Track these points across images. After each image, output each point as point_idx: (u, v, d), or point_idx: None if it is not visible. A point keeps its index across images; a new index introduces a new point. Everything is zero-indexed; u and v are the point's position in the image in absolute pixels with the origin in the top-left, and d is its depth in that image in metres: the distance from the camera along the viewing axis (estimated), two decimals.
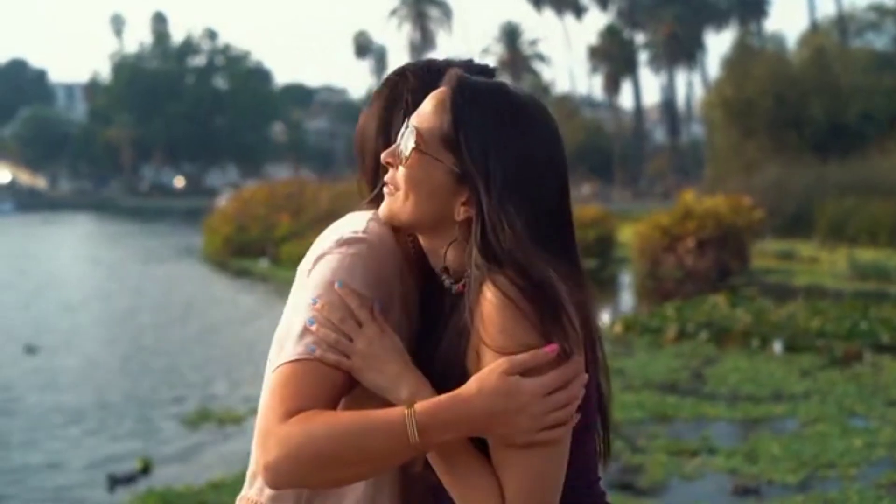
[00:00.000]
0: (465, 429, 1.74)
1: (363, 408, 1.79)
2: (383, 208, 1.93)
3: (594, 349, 1.89)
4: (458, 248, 1.86)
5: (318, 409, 1.76)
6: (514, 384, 1.71)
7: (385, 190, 1.94)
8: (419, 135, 1.86)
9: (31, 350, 16.16)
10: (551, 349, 1.73)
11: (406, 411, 1.72)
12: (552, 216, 1.85)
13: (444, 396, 1.74)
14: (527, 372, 1.72)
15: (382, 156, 1.93)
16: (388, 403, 1.80)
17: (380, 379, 1.81)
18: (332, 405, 1.81)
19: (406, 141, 1.87)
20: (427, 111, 1.88)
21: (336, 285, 1.85)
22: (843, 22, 62.87)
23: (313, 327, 1.83)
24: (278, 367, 1.83)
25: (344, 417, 1.76)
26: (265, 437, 1.76)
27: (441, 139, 1.84)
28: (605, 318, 17.49)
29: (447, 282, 1.90)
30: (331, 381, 1.82)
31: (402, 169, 1.88)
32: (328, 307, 1.85)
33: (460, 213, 1.84)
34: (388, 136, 2.04)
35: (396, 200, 1.90)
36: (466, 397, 1.72)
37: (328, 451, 1.71)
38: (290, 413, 1.75)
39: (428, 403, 1.73)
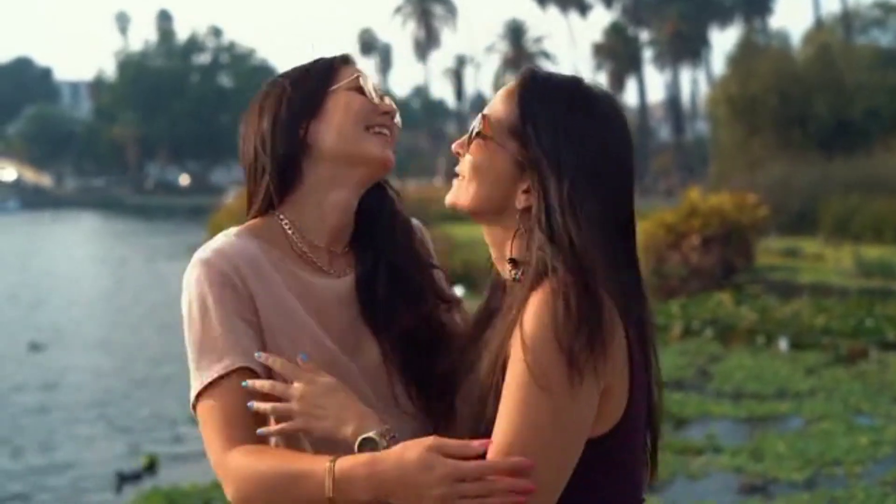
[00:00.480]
0: (378, 492, 1.73)
1: None
2: (449, 195, 1.94)
3: (648, 368, 1.85)
4: (521, 238, 1.84)
5: (250, 424, 1.87)
6: (431, 460, 1.69)
7: (454, 180, 1.96)
8: (486, 121, 1.88)
9: (36, 347, 16.18)
10: (482, 444, 1.71)
11: (327, 465, 1.75)
12: (619, 217, 1.84)
13: (364, 456, 1.75)
14: (451, 453, 1.71)
15: (453, 146, 1.96)
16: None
17: (325, 424, 1.83)
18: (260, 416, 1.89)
19: (473, 127, 1.89)
20: (496, 101, 1.89)
21: (257, 356, 1.91)
22: (847, 19, 62.75)
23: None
24: (196, 397, 1.92)
25: (280, 461, 1.82)
26: (217, 469, 1.88)
27: (507, 127, 1.85)
28: None
29: (511, 273, 1.87)
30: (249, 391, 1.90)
31: (467, 156, 1.91)
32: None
33: (521, 201, 1.83)
34: (264, 145, 2.05)
35: (460, 187, 1.92)
36: (384, 460, 1.73)
37: (266, 492, 1.80)
38: (229, 441, 1.86)
39: (348, 461, 1.75)
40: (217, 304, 1.92)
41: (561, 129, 1.80)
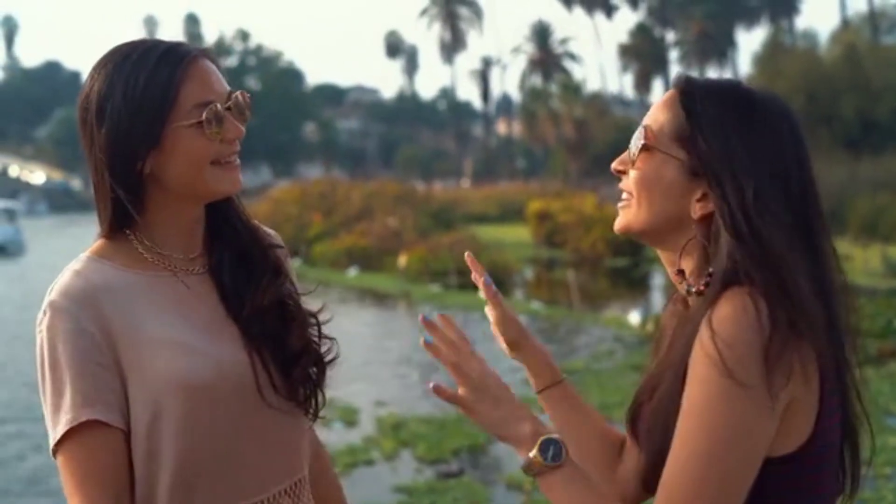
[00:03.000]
0: None
1: None
2: (618, 220, 1.86)
3: (841, 376, 1.76)
4: (694, 248, 1.78)
5: (107, 478, 1.82)
6: None
7: (620, 202, 1.86)
8: (648, 132, 1.80)
9: None
10: None
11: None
12: (805, 217, 1.75)
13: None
14: None
15: (613, 164, 1.86)
16: None
17: (495, 413, 1.77)
18: (126, 468, 1.87)
19: (635, 142, 1.82)
20: (656, 110, 1.82)
21: (424, 317, 1.87)
22: (874, 19, 62.47)
23: None
24: (54, 449, 1.87)
25: None
26: None
27: (672, 135, 1.77)
28: (636, 316, 17.46)
29: (684, 286, 1.81)
30: (118, 442, 1.88)
31: (632, 172, 1.82)
32: None
33: (696, 209, 1.75)
34: (103, 171, 1.96)
35: (628, 208, 1.83)
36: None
37: None
38: (87, 500, 1.80)
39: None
40: (65, 353, 1.86)
41: (730, 130, 1.72)
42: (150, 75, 1.91)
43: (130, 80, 1.91)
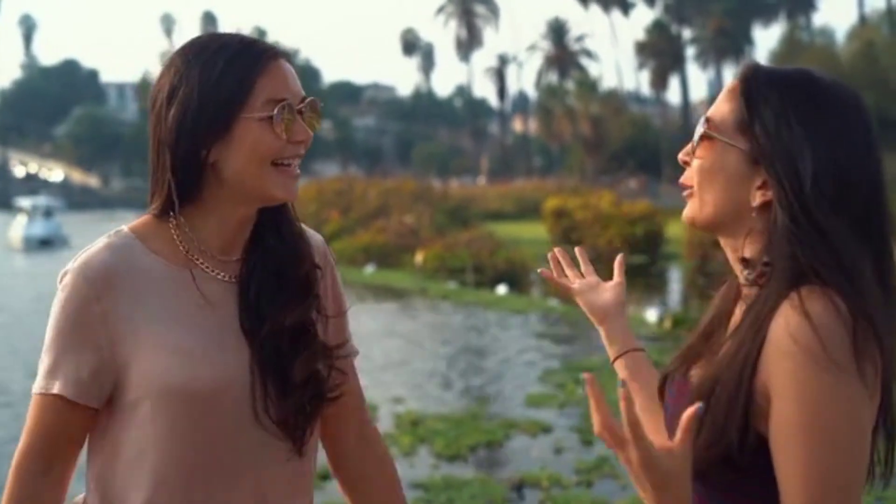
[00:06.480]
0: None
1: None
2: (685, 212, 1.86)
3: (887, 367, 1.70)
4: (756, 235, 1.76)
5: (55, 445, 1.97)
6: None
7: (684, 192, 1.86)
8: (710, 121, 1.80)
9: None
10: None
11: None
12: (867, 210, 1.71)
13: None
14: None
15: (680, 155, 1.87)
16: None
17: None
18: (77, 443, 2.00)
19: (697, 132, 1.81)
20: (719, 101, 1.82)
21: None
22: (892, 15, 62.16)
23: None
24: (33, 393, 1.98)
25: None
26: (14, 460, 2.00)
27: (734, 123, 1.76)
28: (653, 314, 17.46)
29: (745, 274, 1.78)
30: (80, 418, 1.97)
31: (693, 162, 1.82)
32: None
33: (756, 197, 1.74)
34: (164, 153, 1.95)
35: (693, 200, 1.83)
36: None
37: None
38: (30, 449, 1.97)
39: None
40: (63, 320, 1.93)
41: (792, 119, 1.71)
42: (227, 64, 1.92)
43: (208, 67, 1.91)
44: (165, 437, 1.92)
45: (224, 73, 1.91)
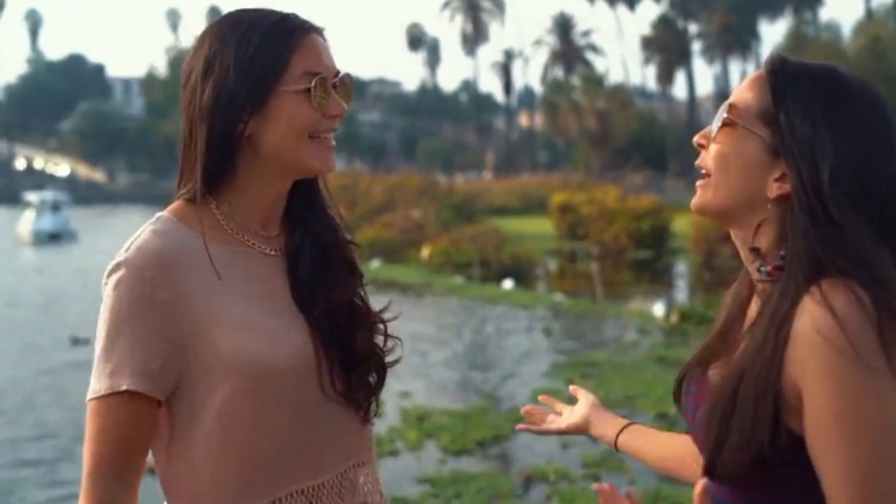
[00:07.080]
0: None
1: None
2: (695, 199, 1.83)
3: None
4: (769, 227, 1.74)
5: (124, 448, 1.87)
6: None
7: (698, 180, 1.84)
8: (733, 107, 1.77)
9: (77, 342, 16.29)
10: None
11: None
12: (886, 209, 1.69)
13: None
14: None
15: (695, 138, 1.84)
16: None
17: None
18: (147, 442, 1.92)
19: (718, 117, 1.79)
20: (743, 88, 1.80)
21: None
22: None
23: None
24: (90, 400, 1.88)
25: None
26: (84, 478, 1.89)
27: (758, 112, 1.75)
28: (660, 308, 17.44)
29: (757, 265, 1.76)
30: (149, 415, 1.89)
31: (711, 147, 1.80)
32: None
33: (773, 189, 1.72)
34: (199, 130, 1.93)
35: (706, 186, 1.81)
36: None
37: None
38: (99, 458, 1.86)
39: None
40: (127, 317, 1.86)
41: (816, 114, 1.69)
42: (263, 38, 1.92)
43: (244, 41, 1.91)
44: (251, 419, 1.89)
45: (260, 47, 1.91)
